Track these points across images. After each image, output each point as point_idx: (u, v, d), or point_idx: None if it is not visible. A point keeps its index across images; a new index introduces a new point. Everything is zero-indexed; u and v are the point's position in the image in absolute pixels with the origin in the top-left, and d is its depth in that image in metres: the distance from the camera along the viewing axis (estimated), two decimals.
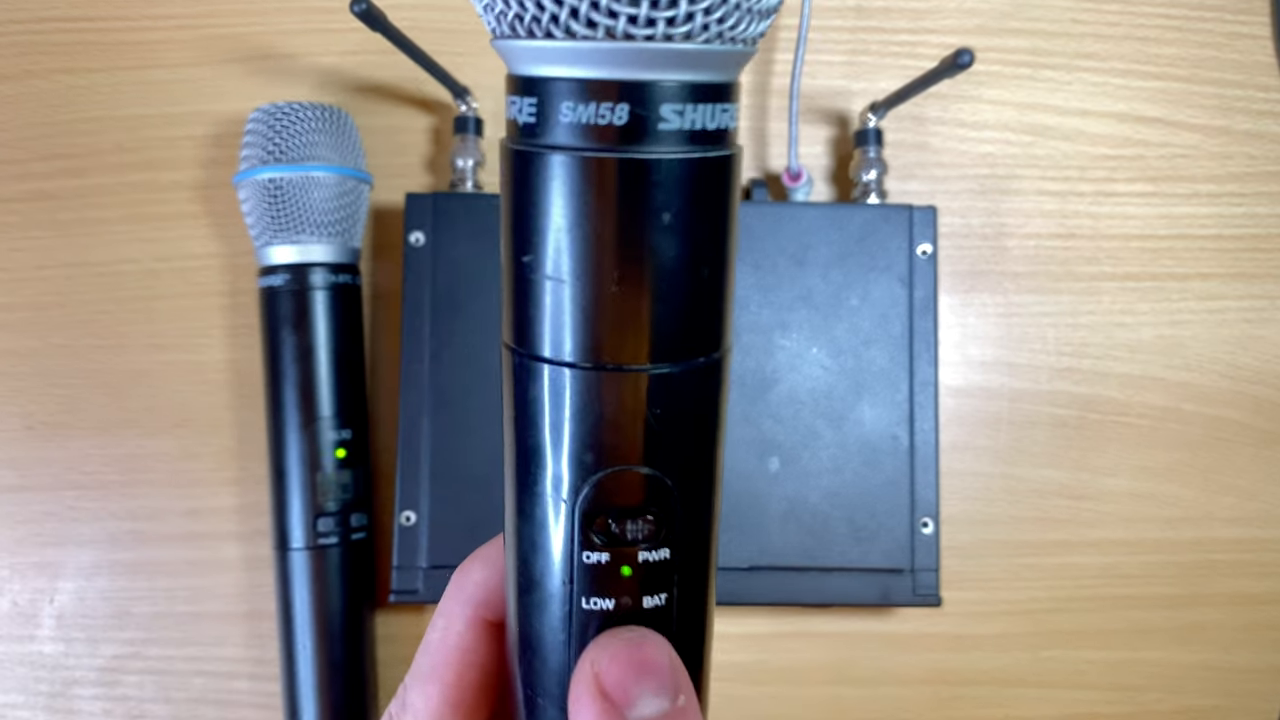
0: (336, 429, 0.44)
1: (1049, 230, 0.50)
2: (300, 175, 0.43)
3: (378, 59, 0.49)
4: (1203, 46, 0.51)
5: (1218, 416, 0.49)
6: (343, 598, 0.44)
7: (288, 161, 0.43)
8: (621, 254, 0.19)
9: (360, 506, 0.45)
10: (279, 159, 0.43)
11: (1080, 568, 0.48)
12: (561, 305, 0.19)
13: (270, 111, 0.44)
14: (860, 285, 0.45)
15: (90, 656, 0.47)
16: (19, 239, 0.48)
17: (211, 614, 0.47)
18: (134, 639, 0.47)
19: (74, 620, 0.47)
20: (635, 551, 0.21)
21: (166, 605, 0.47)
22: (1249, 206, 0.50)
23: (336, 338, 0.44)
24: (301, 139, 0.43)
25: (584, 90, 0.18)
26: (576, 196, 0.19)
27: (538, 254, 0.19)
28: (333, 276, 0.44)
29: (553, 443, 0.20)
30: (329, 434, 0.44)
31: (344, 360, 0.45)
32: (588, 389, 0.20)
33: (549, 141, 0.19)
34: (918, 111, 0.50)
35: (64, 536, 0.47)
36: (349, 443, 0.44)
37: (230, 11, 0.49)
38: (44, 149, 0.49)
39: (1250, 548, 0.49)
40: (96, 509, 0.47)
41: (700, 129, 0.19)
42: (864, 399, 0.45)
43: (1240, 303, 0.50)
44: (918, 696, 0.48)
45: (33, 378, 0.48)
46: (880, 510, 0.44)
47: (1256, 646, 0.49)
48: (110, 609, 0.47)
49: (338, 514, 0.44)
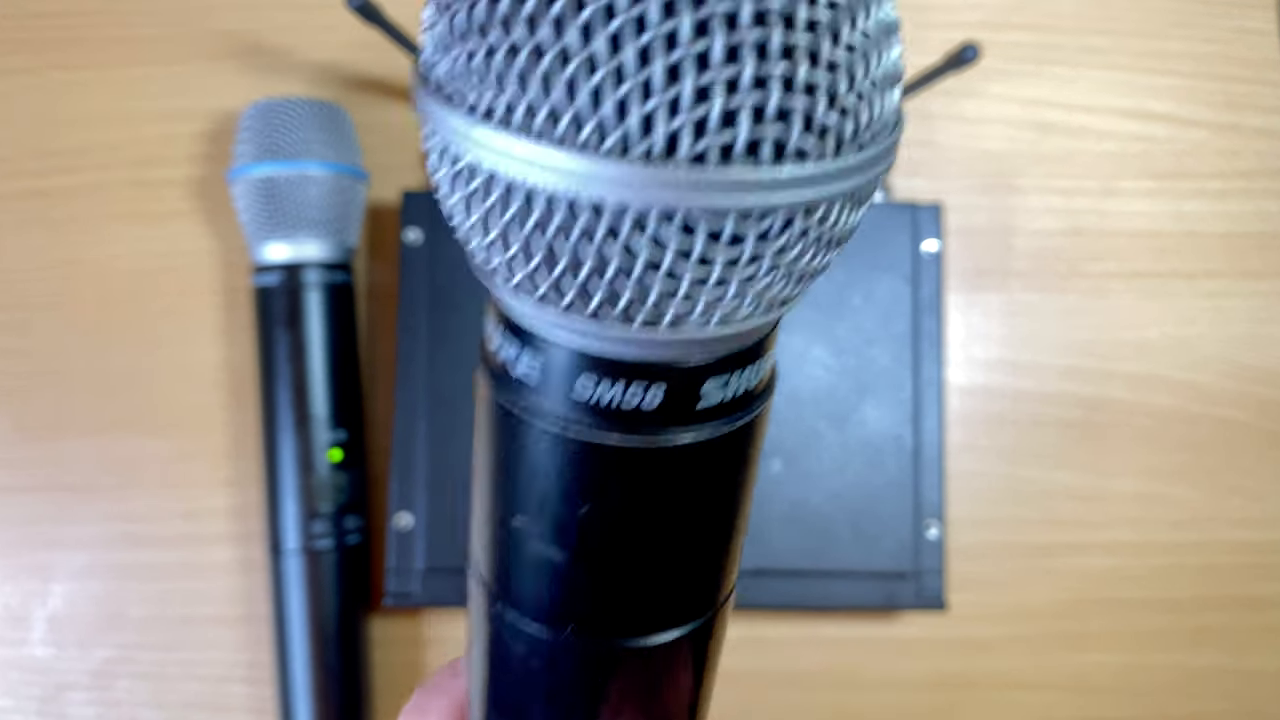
0: (331, 429, 0.43)
1: (1055, 227, 0.49)
2: (295, 172, 0.42)
3: (373, 55, 0.48)
4: (1210, 42, 0.50)
5: (1225, 417, 0.49)
6: (337, 601, 0.43)
7: (283, 158, 0.42)
8: (641, 536, 0.16)
9: (355, 509, 0.44)
10: (274, 155, 0.42)
11: (1086, 570, 0.48)
12: (563, 578, 0.16)
13: (265, 107, 0.43)
14: (864, 284, 0.44)
15: (82, 660, 0.46)
16: (10, 237, 0.48)
17: (205, 618, 0.47)
18: (126, 642, 0.47)
19: (66, 623, 0.47)
20: None
21: (159, 609, 0.47)
22: (1257, 203, 0.49)
23: (331, 337, 0.44)
24: (297, 135, 0.43)
25: (611, 368, 0.15)
26: (592, 486, 0.15)
27: (537, 523, 0.16)
28: (328, 275, 0.44)
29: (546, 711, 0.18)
30: (323, 435, 0.43)
31: (339, 360, 0.44)
32: (586, 660, 0.17)
33: (557, 415, 0.15)
34: (923, 108, 0.49)
35: (56, 539, 0.47)
36: (344, 443, 0.44)
37: (224, 7, 0.49)
38: (36, 146, 0.48)
39: (1258, 550, 0.48)
40: (89, 511, 0.47)
41: (743, 394, 0.16)
42: (867, 399, 0.44)
43: (1248, 301, 0.49)
44: (923, 701, 0.47)
45: (24, 378, 0.47)
46: (884, 512, 0.43)
47: (1266, 650, 0.48)
48: (103, 612, 0.47)
49: (332, 516, 0.43)
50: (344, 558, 0.43)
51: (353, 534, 0.44)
